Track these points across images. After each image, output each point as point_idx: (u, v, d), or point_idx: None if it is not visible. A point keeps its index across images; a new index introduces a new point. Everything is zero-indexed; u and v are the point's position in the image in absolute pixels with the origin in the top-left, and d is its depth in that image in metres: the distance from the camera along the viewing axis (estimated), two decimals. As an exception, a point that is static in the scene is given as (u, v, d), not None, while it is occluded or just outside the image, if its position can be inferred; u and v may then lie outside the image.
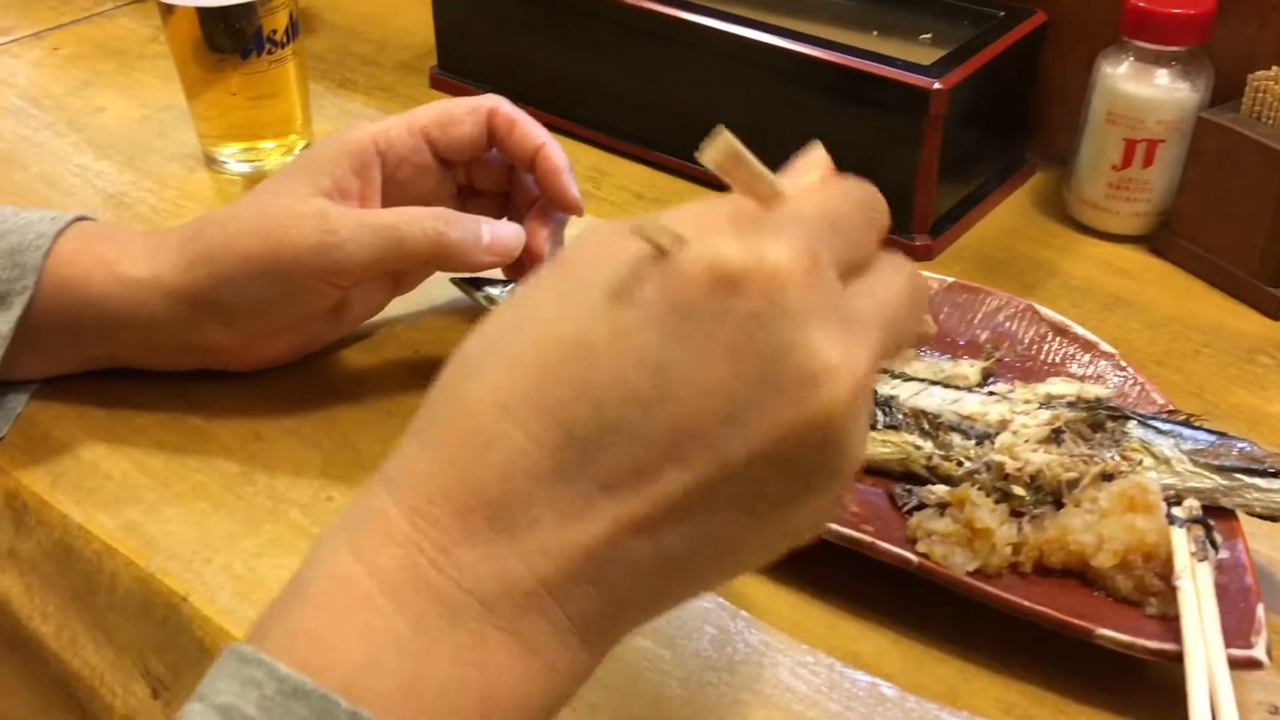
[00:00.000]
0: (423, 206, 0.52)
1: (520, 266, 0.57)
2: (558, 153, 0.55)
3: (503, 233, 0.53)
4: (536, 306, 0.32)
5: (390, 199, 0.55)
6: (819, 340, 0.29)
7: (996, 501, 0.48)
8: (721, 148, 0.31)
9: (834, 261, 0.31)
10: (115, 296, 0.52)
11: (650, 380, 0.29)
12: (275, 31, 0.70)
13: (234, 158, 0.75)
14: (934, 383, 0.53)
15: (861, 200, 0.34)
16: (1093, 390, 0.52)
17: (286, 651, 0.29)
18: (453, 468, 0.30)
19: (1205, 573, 0.44)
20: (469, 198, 0.59)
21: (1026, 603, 0.44)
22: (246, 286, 0.51)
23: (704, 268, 0.29)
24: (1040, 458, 0.49)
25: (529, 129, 0.55)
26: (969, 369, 0.54)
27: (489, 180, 0.59)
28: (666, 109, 0.74)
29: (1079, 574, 0.46)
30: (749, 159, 0.31)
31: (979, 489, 0.48)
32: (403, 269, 0.55)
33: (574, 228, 0.59)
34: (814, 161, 0.35)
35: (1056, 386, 0.52)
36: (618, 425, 0.29)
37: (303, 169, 0.52)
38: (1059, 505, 0.48)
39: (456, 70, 0.84)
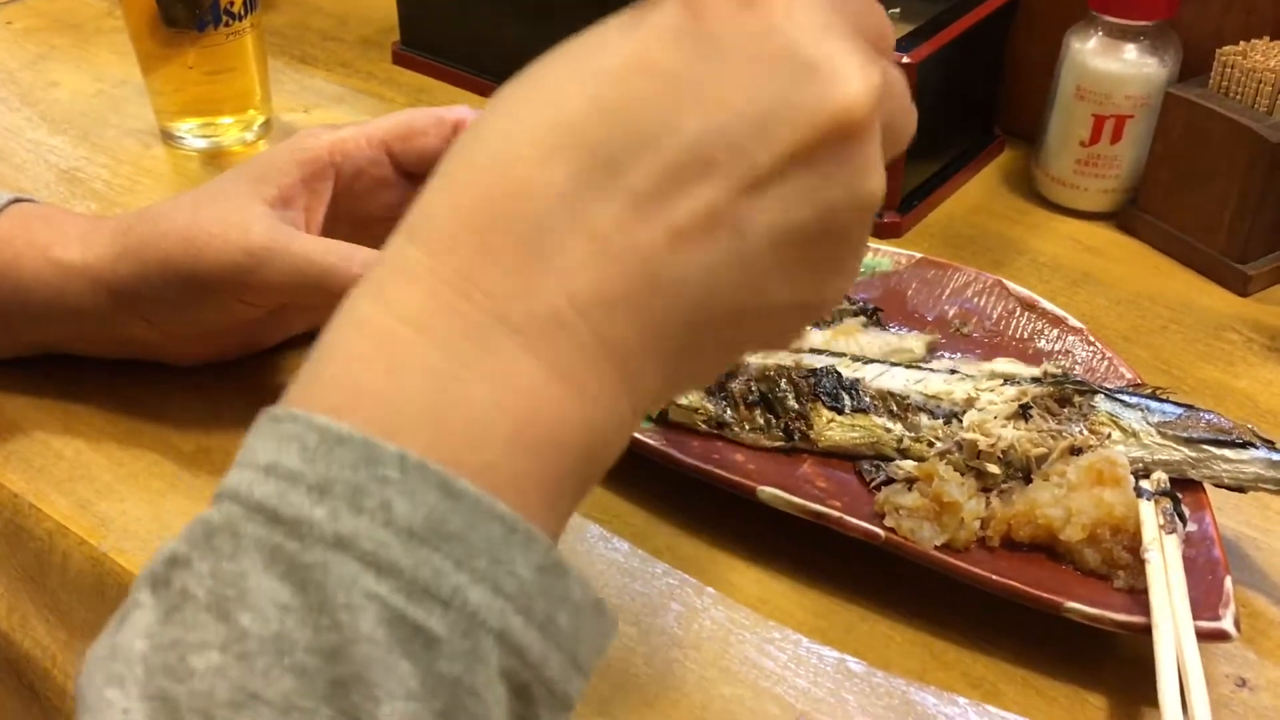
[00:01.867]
0: (361, 246, 0.48)
1: None
2: None
3: None
4: (549, 58, 0.31)
5: (350, 211, 0.52)
6: (834, 45, 0.29)
7: (965, 476, 0.47)
8: None
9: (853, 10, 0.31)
10: (45, 282, 0.50)
11: (672, 94, 0.29)
12: (232, 4, 0.69)
13: (191, 133, 0.73)
14: (895, 364, 0.52)
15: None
16: (1027, 371, 0.51)
17: (309, 402, 0.28)
18: (471, 198, 0.29)
19: (1173, 545, 0.43)
20: None
21: (994, 576, 0.43)
22: (164, 291, 0.49)
23: None
24: (1009, 433, 0.48)
25: None
26: (915, 342, 0.54)
27: None
28: (633, 84, 0.73)
29: (1047, 548, 0.46)
30: None
31: (948, 464, 0.47)
32: (323, 305, 0.53)
33: None
34: None
35: (1001, 365, 0.52)
36: (643, 136, 0.28)
37: (250, 174, 0.50)
38: (1028, 480, 0.48)
39: (420, 46, 0.83)
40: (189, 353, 0.54)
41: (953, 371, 0.52)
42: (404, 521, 0.26)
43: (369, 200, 0.53)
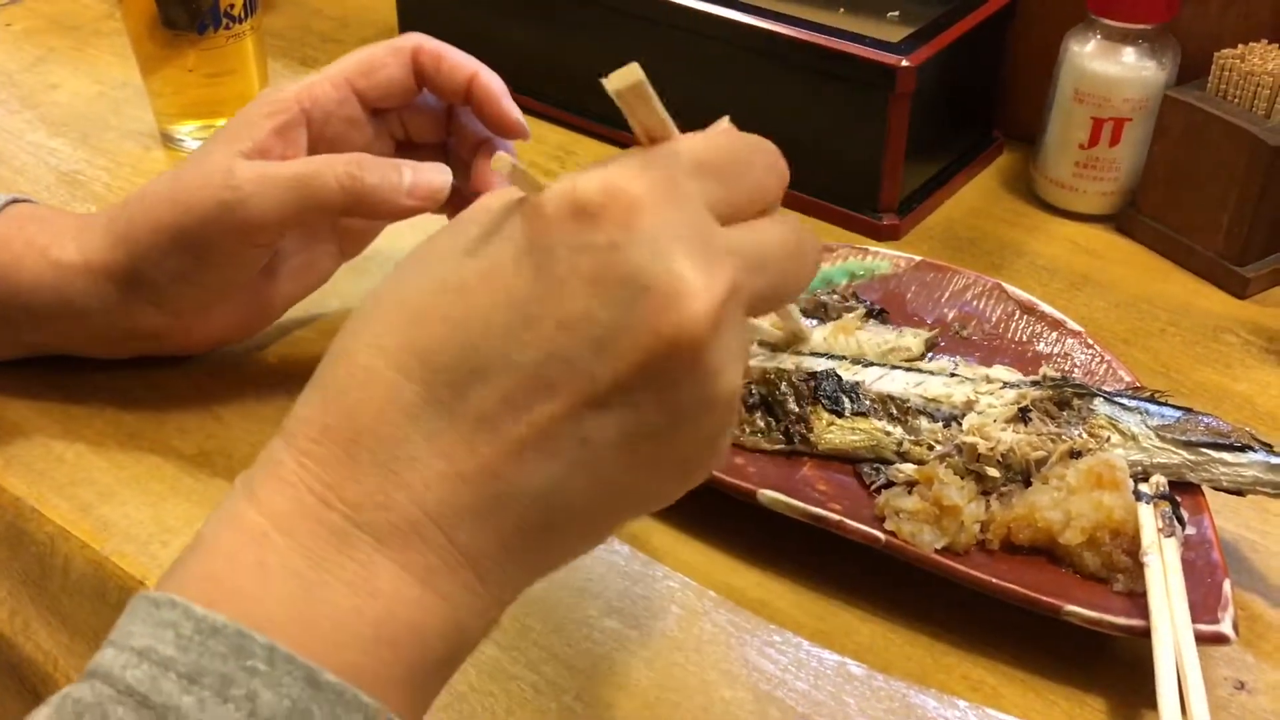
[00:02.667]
0: (339, 154, 0.50)
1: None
2: (492, 78, 0.53)
3: (426, 174, 0.50)
4: (414, 259, 0.33)
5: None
6: (676, 260, 0.30)
7: (965, 480, 0.47)
8: (628, 78, 0.31)
9: (706, 198, 0.32)
10: (46, 283, 0.50)
11: (517, 314, 0.30)
12: (233, 6, 0.69)
13: (191, 135, 0.73)
14: (895, 366, 0.52)
15: (755, 147, 0.35)
16: (1018, 378, 0.52)
17: (186, 590, 0.30)
18: (333, 406, 0.31)
19: (1172, 549, 0.43)
20: (408, 152, 0.56)
21: (994, 580, 0.44)
22: (162, 259, 0.49)
23: (561, 202, 0.31)
24: (1009, 437, 0.48)
25: (457, 59, 0.53)
26: (912, 340, 0.54)
27: (425, 129, 0.56)
28: (632, 87, 0.73)
29: (1047, 551, 0.46)
30: (652, 97, 0.31)
31: (948, 468, 0.47)
32: (319, 220, 0.53)
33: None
34: (720, 127, 0.36)
35: (996, 372, 0.52)
36: (487, 359, 0.30)
37: (224, 135, 0.50)
38: (1027, 483, 0.48)
39: (419, 48, 0.83)
40: (197, 335, 0.54)
41: (952, 375, 0.52)
42: (267, 712, 0.28)
43: (342, 142, 0.53)
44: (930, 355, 0.55)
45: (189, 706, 0.27)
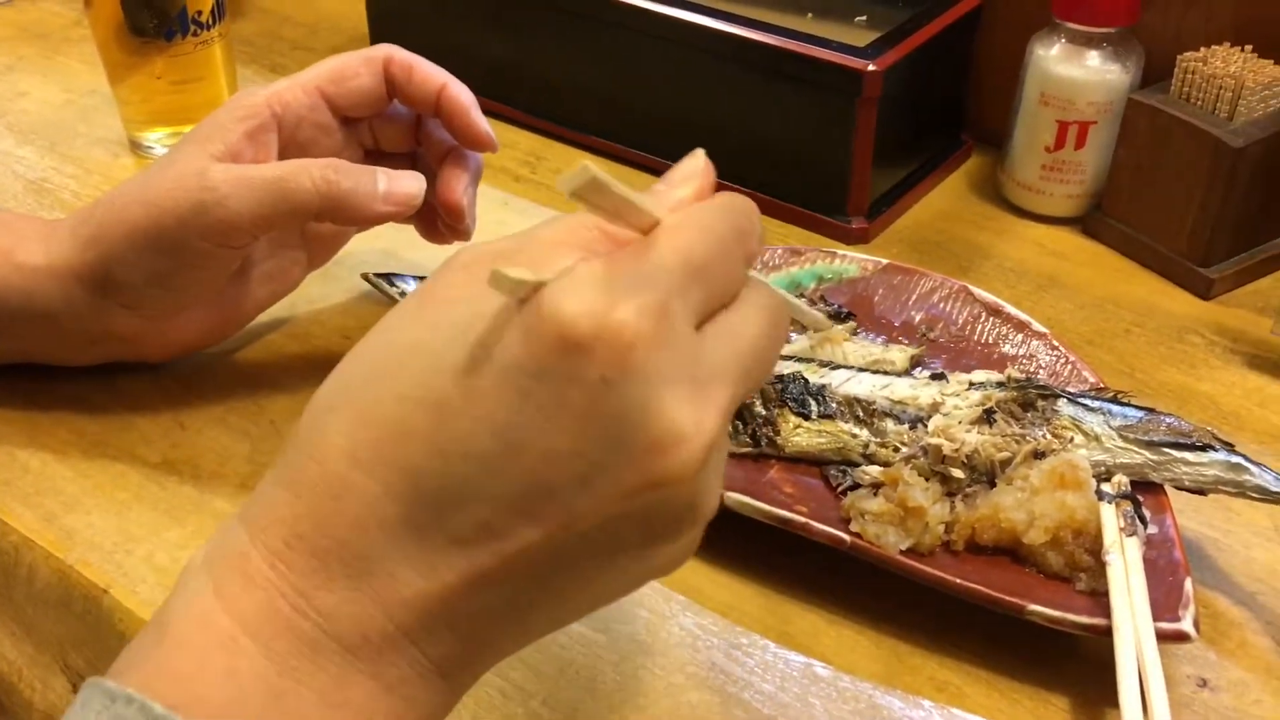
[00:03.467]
0: (312, 159, 0.50)
1: (435, 223, 0.56)
2: (462, 90, 0.54)
3: (401, 181, 0.51)
4: (395, 354, 0.31)
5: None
6: (668, 404, 0.29)
7: (930, 481, 0.48)
8: (580, 178, 0.28)
9: (693, 308, 0.31)
10: (14, 287, 0.50)
11: (501, 441, 0.29)
12: (200, 13, 0.69)
13: (160, 143, 0.73)
14: (862, 369, 0.53)
15: (733, 228, 0.32)
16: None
17: (146, 688, 0.29)
18: (307, 513, 0.31)
19: (1134, 548, 0.44)
20: (377, 161, 0.57)
21: (959, 580, 0.44)
22: (136, 261, 0.49)
23: (554, 329, 0.29)
24: (974, 438, 0.49)
25: (428, 71, 0.54)
26: (898, 354, 0.54)
27: (396, 138, 0.57)
28: (602, 93, 0.74)
29: (1011, 551, 0.47)
30: (614, 187, 0.29)
31: (913, 470, 0.48)
32: (293, 223, 0.53)
33: (448, 250, 0.58)
34: (691, 172, 0.34)
35: (977, 376, 0.52)
36: (467, 483, 0.30)
37: (195, 138, 0.51)
38: (992, 484, 0.48)
39: (390, 54, 0.83)
40: (168, 339, 0.54)
41: (934, 377, 0.52)
42: None
43: (313, 148, 0.54)
44: (915, 371, 0.54)
45: None
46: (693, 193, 0.33)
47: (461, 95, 0.54)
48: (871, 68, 0.63)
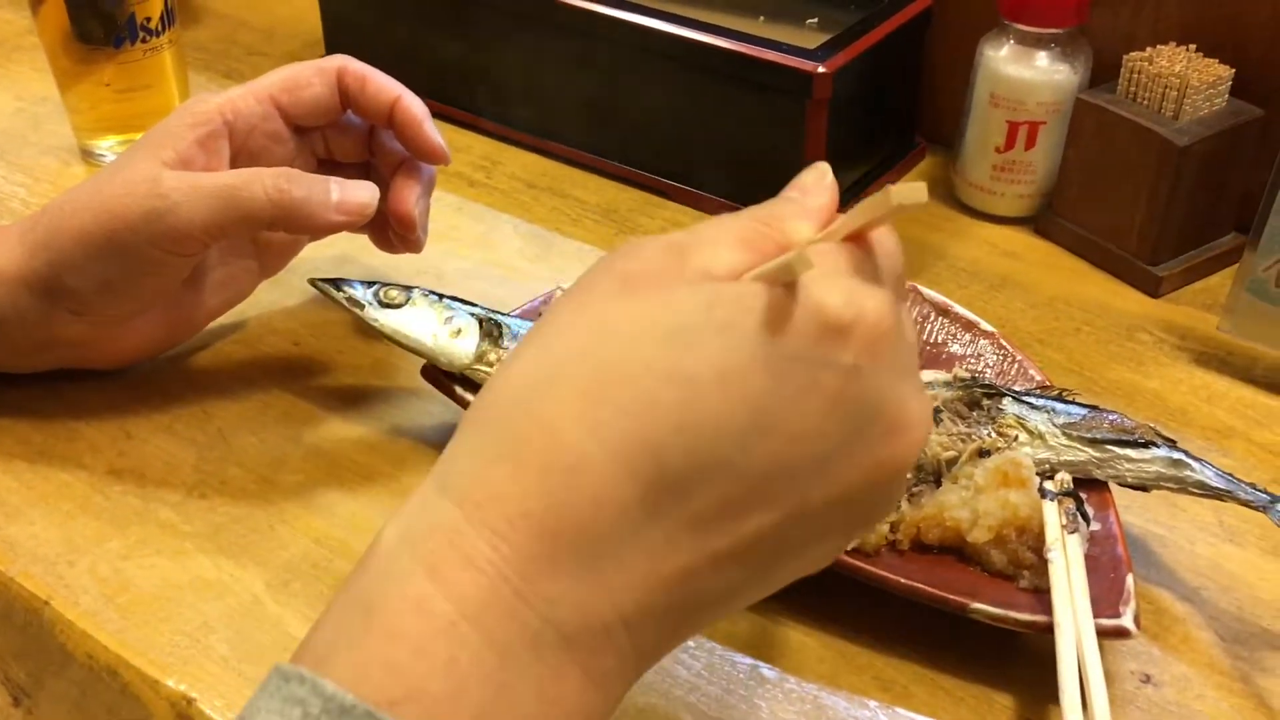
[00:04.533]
0: (263, 168, 0.50)
1: (387, 232, 0.56)
2: (415, 102, 0.54)
3: (353, 191, 0.51)
4: (617, 330, 0.30)
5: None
6: (906, 394, 0.31)
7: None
8: (917, 196, 0.30)
9: (903, 304, 0.33)
10: None
11: (751, 420, 0.29)
12: (149, 19, 0.68)
13: (111, 151, 0.73)
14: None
15: (899, 251, 0.34)
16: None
17: (359, 680, 0.27)
18: (537, 490, 0.29)
19: (1075, 544, 0.44)
20: (330, 170, 0.57)
21: (902, 579, 0.44)
22: (86, 267, 0.49)
23: (812, 314, 0.30)
24: (920, 436, 0.49)
25: (382, 83, 0.54)
26: None
27: (348, 148, 0.57)
28: (557, 97, 0.74)
29: (956, 550, 0.47)
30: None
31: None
32: (246, 231, 0.53)
33: (401, 259, 0.58)
34: (823, 183, 0.36)
35: (925, 376, 0.52)
36: (713, 464, 0.29)
37: (146, 144, 0.50)
38: (939, 483, 0.48)
39: (345, 60, 0.83)
40: (118, 347, 0.53)
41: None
42: None
43: (265, 156, 0.54)
44: None
45: None
46: (829, 202, 0.35)
47: (414, 107, 0.54)
48: (821, 70, 0.64)
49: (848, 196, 0.71)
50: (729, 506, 0.29)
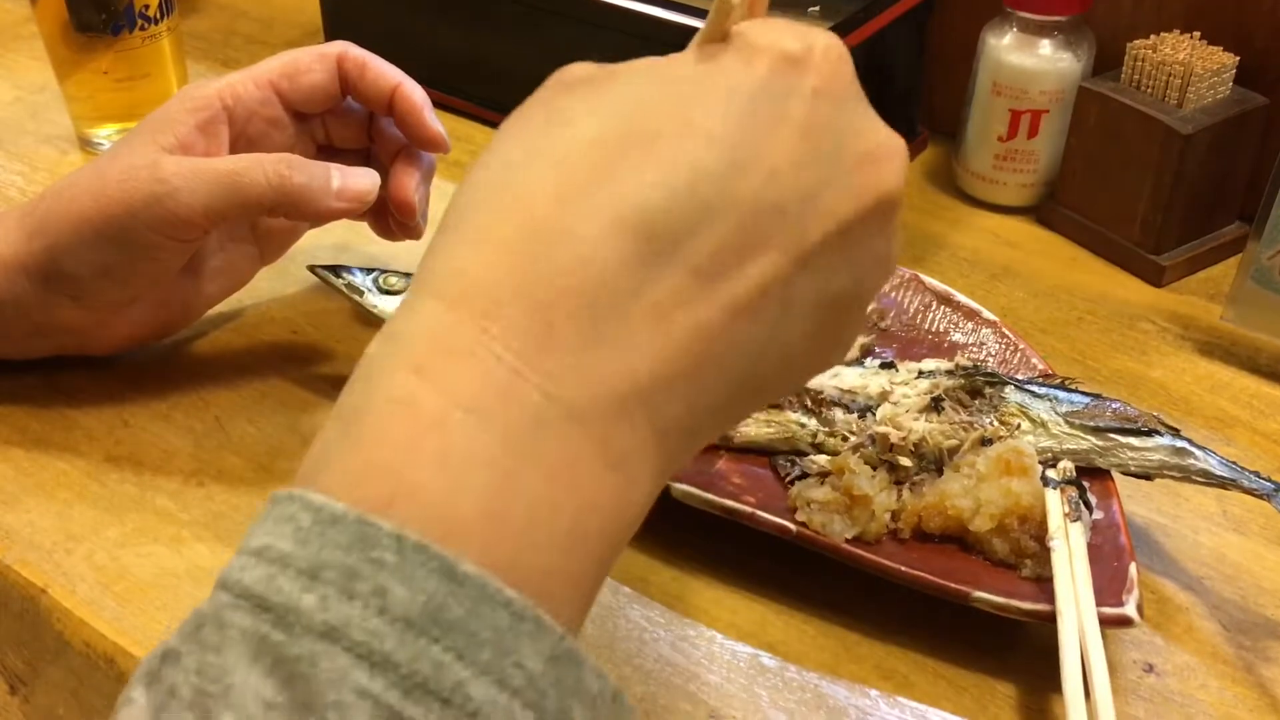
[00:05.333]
0: (264, 153, 0.50)
1: (387, 220, 0.56)
2: (415, 90, 0.54)
3: (354, 177, 0.50)
4: (576, 106, 0.30)
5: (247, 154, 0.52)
6: (876, 123, 0.31)
7: (878, 470, 0.47)
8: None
9: None
10: None
11: (727, 159, 0.28)
12: (148, 7, 0.68)
13: (109, 139, 0.72)
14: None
15: None
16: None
17: (350, 487, 0.25)
18: (519, 266, 0.27)
19: (1078, 533, 0.44)
20: (329, 156, 0.56)
21: (903, 568, 0.44)
22: (85, 252, 0.49)
23: (766, 48, 0.30)
24: (921, 426, 0.49)
25: (382, 69, 0.53)
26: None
27: (348, 135, 0.56)
28: (556, 85, 0.73)
29: (958, 539, 0.46)
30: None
31: (860, 459, 0.47)
32: (246, 217, 0.53)
33: (400, 246, 0.57)
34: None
35: (927, 365, 0.52)
36: (699, 208, 0.28)
37: (145, 129, 0.50)
38: (940, 472, 0.48)
39: (344, 49, 0.82)
40: (115, 332, 0.53)
41: (884, 366, 0.52)
42: (400, 609, 0.24)
43: (264, 142, 0.53)
44: (866, 360, 0.54)
45: (310, 605, 0.24)
46: None
47: (414, 95, 0.54)
48: (823, 58, 0.63)
49: (849, 186, 0.70)
50: (726, 251, 0.28)
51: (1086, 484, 0.46)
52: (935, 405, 0.49)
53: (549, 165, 0.28)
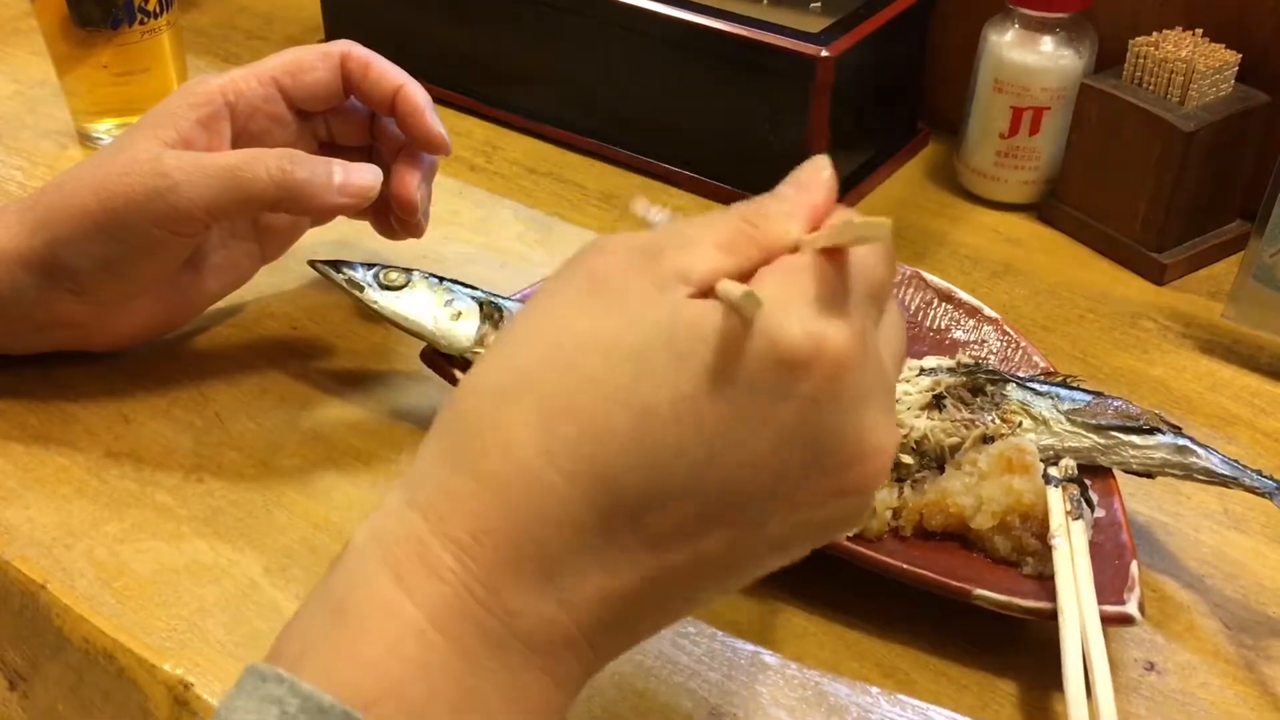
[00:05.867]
0: (265, 149, 0.50)
1: (388, 217, 0.55)
2: (418, 91, 0.54)
3: (357, 173, 0.51)
4: (581, 344, 0.31)
5: None
6: (870, 422, 0.31)
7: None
8: (885, 229, 0.30)
9: (874, 325, 0.33)
10: None
11: (705, 450, 0.30)
12: (147, 1, 0.68)
13: (109, 134, 0.72)
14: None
15: (890, 258, 0.34)
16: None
17: (335, 680, 0.28)
18: (497, 508, 0.30)
19: (1079, 531, 0.44)
20: (331, 154, 0.55)
21: (904, 565, 0.44)
22: (86, 246, 0.49)
23: (773, 348, 0.30)
24: (923, 423, 0.49)
25: (385, 70, 0.53)
26: None
27: (350, 132, 0.57)
28: (558, 82, 0.73)
29: (959, 536, 0.46)
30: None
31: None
32: (248, 212, 0.53)
33: (402, 245, 0.58)
34: (818, 179, 0.35)
35: (928, 362, 0.52)
36: (668, 491, 0.30)
37: (147, 124, 0.50)
38: (942, 470, 0.48)
39: (345, 44, 0.82)
40: (116, 328, 0.53)
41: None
42: None
43: (266, 139, 0.53)
44: None
45: None
46: (825, 199, 0.34)
47: (417, 96, 0.54)
48: (824, 54, 0.63)
49: (850, 183, 0.70)
50: (685, 527, 0.30)
51: (1088, 482, 0.46)
52: (937, 403, 0.49)
53: (542, 404, 0.30)
